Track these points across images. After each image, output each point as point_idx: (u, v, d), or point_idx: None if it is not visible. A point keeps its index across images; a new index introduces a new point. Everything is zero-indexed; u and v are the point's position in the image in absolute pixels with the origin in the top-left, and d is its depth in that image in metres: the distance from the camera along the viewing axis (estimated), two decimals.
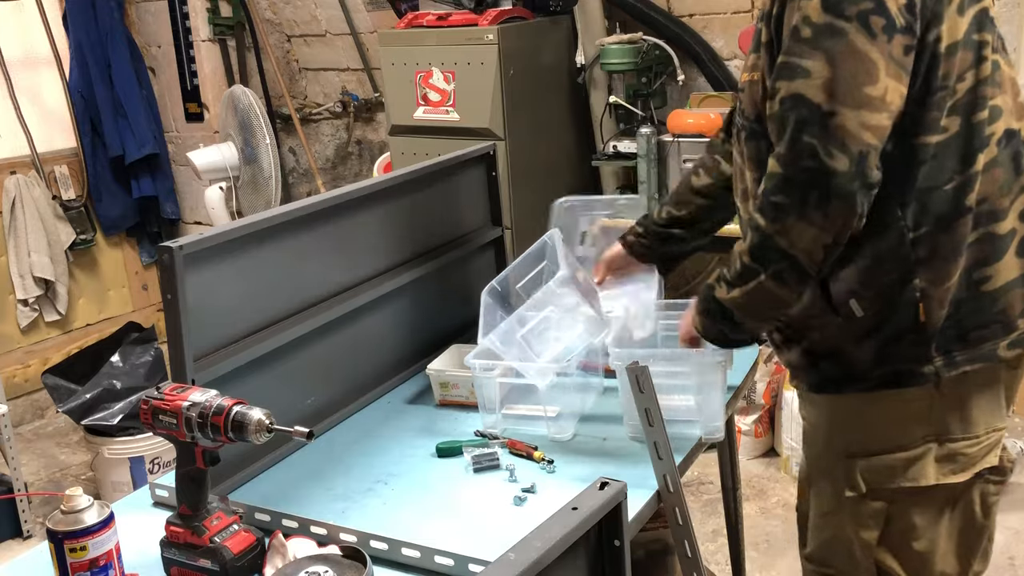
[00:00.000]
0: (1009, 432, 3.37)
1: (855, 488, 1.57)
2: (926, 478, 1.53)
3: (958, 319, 1.47)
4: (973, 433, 1.52)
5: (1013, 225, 1.48)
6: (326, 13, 4.46)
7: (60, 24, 4.52)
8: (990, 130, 1.46)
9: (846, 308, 1.50)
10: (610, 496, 1.06)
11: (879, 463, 1.55)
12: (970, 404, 1.52)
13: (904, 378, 1.50)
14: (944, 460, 1.52)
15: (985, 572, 1.69)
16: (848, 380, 1.55)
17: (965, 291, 1.47)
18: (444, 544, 1.37)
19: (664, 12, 3.57)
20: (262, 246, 1.69)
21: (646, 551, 2.22)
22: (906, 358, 1.49)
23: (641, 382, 1.48)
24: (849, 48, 1.34)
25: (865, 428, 1.56)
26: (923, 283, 1.46)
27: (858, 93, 1.34)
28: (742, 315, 1.53)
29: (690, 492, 3.28)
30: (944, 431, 1.52)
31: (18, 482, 3.37)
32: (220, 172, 4.26)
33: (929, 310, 1.46)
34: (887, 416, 1.54)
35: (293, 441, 1.70)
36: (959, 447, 1.52)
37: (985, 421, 1.53)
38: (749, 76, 1.55)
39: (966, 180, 1.44)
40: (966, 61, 1.44)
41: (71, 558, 1.29)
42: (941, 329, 1.47)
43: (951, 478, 1.53)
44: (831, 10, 1.35)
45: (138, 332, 3.69)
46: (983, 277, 1.47)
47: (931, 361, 1.48)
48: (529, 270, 1.91)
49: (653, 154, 3.28)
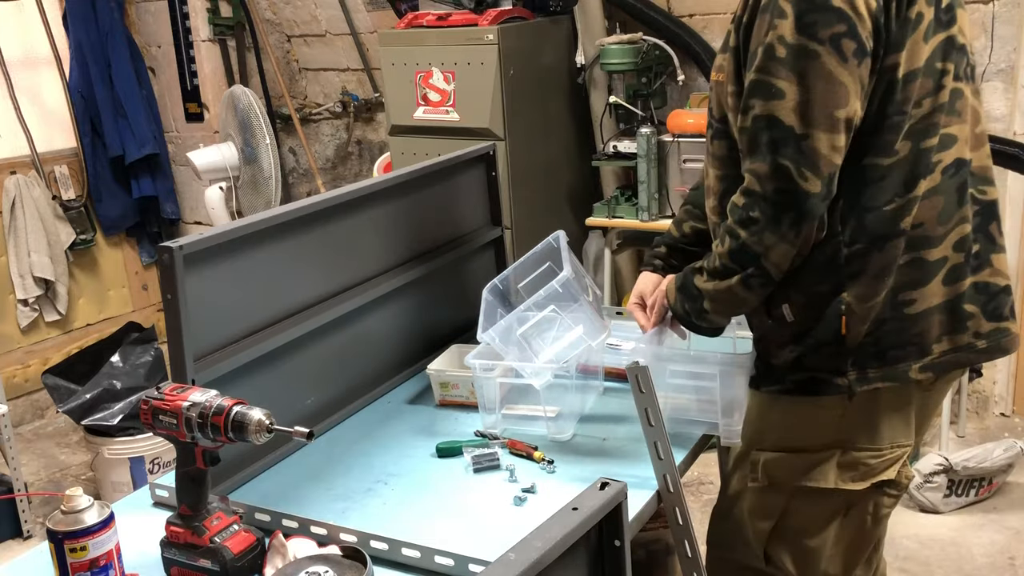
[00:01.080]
0: (1009, 432, 3.38)
1: (757, 479, 1.65)
2: (826, 481, 1.59)
3: (877, 337, 1.52)
4: (877, 445, 1.58)
5: (945, 253, 1.52)
6: (326, 13, 4.46)
7: (60, 24, 4.53)
8: (937, 157, 1.49)
9: (778, 311, 1.56)
10: (610, 496, 1.06)
11: (784, 460, 1.62)
12: (879, 418, 1.57)
13: (818, 386, 1.56)
14: (845, 467, 1.59)
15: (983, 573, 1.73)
16: (765, 379, 1.63)
17: (889, 311, 1.51)
18: (444, 544, 1.37)
19: (664, 12, 3.57)
20: (262, 246, 1.69)
21: (646, 551, 2.23)
22: (822, 368, 1.55)
23: (641, 382, 1.48)
24: (822, 71, 1.37)
25: (777, 425, 1.64)
26: (850, 297, 1.50)
27: (830, 116, 1.38)
28: (711, 305, 1.58)
29: (690, 492, 3.28)
30: (850, 440, 1.58)
31: (18, 482, 3.37)
32: (220, 172, 4.26)
33: (851, 324, 1.51)
34: (799, 417, 1.61)
35: (293, 441, 1.70)
36: (862, 457, 1.58)
37: (891, 436, 1.59)
38: (716, 76, 1.59)
39: (905, 203, 1.48)
40: (925, 88, 1.46)
41: (71, 558, 1.29)
42: (860, 344, 1.52)
43: (849, 485, 1.59)
44: (804, 32, 1.37)
45: (138, 332, 3.69)
46: (907, 300, 1.51)
47: (845, 374, 1.53)
48: (532, 270, 1.91)
49: (653, 154, 3.28)
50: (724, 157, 1.58)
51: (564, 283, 1.73)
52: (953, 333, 1.54)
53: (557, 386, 1.75)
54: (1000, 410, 3.57)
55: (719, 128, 1.59)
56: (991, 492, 3.07)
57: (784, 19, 1.38)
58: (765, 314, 1.58)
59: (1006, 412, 3.57)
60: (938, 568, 2.79)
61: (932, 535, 2.93)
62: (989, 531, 2.93)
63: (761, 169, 1.41)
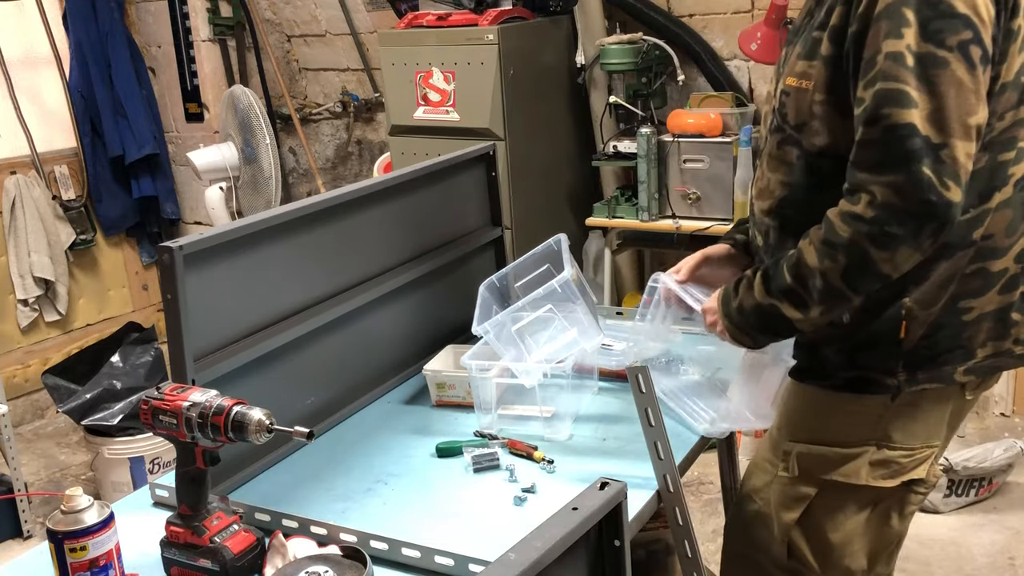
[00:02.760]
0: (1009, 432, 3.38)
1: (789, 469, 1.65)
2: (857, 477, 1.60)
3: (933, 341, 1.52)
4: (911, 445, 1.59)
5: (1007, 265, 1.52)
6: (326, 13, 4.46)
7: (60, 24, 4.52)
8: (1012, 171, 1.49)
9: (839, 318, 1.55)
10: (610, 496, 1.06)
11: (817, 452, 1.62)
12: (916, 418, 1.58)
13: (867, 385, 1.56)
14: (878, 464, 1.59)
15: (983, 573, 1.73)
16: (811, 373, 1.62)
17: (946, 317, 1.52)
18: (444, 544, 1.37)
19: (664, 12, 3.57)
20: (262, 246, 1.69)
21: (646, 551, 2.23)
22: (874, 367, 1.55)
23: (642, 382, 1.48)
24: (953, 79, 1.34)
25: (815, 418, 1.64)
26: (911, 303, 1.50)
27: (964, 124, 1.35)
28: (807, 329, 1.53)
29: (690, 492, 3.28)
30: (885, 438, 1.58)
31: (18, 482, 3.37)
32: (220, 172, 4.26)
33: (910, 329, 1.51)
34: (839, 412, 1.61)
35: (293, 441, 1.70)
36: (895, 455, 1.59)
37: (925, 436, 1.59)
38: (797, 83, 1.52)
39: (979, 215, 1.48)
40: (1010, 101, 1.46)
41: (71, 558, 1.29)
42: (914, 347, 1.52)
43: (880, 482, 1.60)
44: (932, 40, 1.34)
45: (138, 332, 3.69)
46: (966, 308, 1.52)
47: (895, 375, 1.54)
48: (531, 271, 1.91)
49: (653, 154, 3.28)
50: (792, 164, 1.55)
51: (563, 284, 1.73)
52: (997, 339, 1.55)
53: (552, 386, 1.76)
54: (1000, 410, 3.57)
55: (791, 135, 1.55)
56: (991, 492, 3.07)
57: (908, 27, 1.34)
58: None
59: (1006, 412, 3.57)
60: (938, 568, 2.79)
61: (932, 535, 2.93)
62: (989, 531, 2.93)
63: (899, 181, 1.35)
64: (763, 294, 1.53)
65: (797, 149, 1.54)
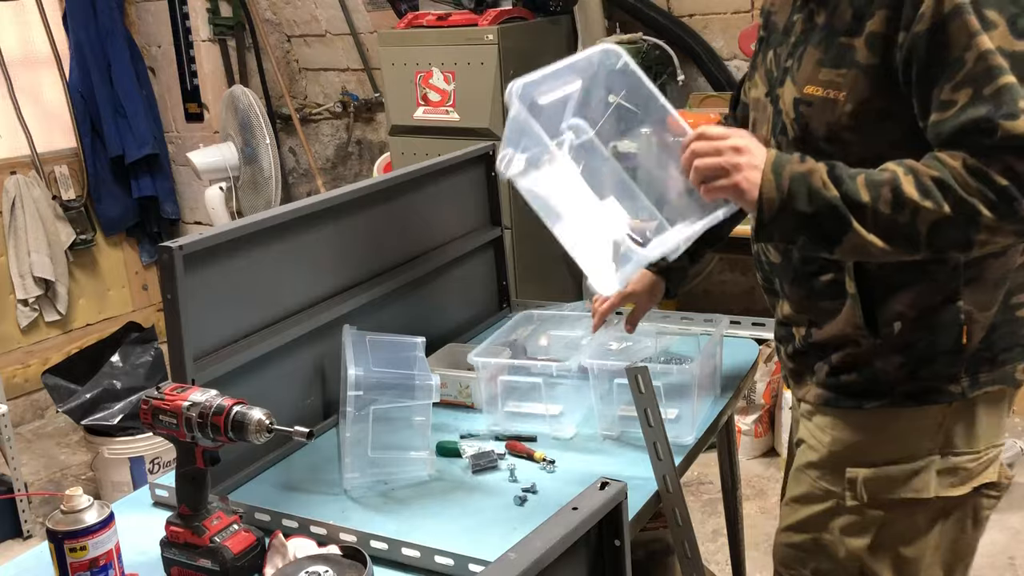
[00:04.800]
0: (1009, 432, 3.38)
1: (857, 497, 1.55)
2: (927, 490, 1.52)
3: (991, 342, 1.47)
4: (975, 448, 1.52)
5: None
6: (326, 13, 4.46)
7: (60, 24, 4.53)
8: None
9: (888, 330, 1.47)
10: (610, 496, 1.06)
11: (883, 474, 1.53)
12: (977, 421, 1.51)
13: (930, 395, 1.49)
14: (945, 473, 1.52)
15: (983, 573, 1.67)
16: (870, 394, 1.52)
17: (1001, 315, 1.47)
18: (444, 544, 1.37)
19: (664, 12, 3.57)
20: (262, 246, 1.69)
21: (646, 551, 2.23)
22: (937, 376, 1.48)
23: (641, 382, 1.48)
24: None
25: (875, 440, 1.54)
26: (968, 306, 1.44)
27: None
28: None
29: (690, 492, 3.28)
30: (948, 445, 1.51)
31: (18, 482, 3.37)
32: (220, 172, 4.26)
33: (972, 333, 1.45)
34: (899, 428, 1.52)
35: (293, 441, 1.70)
36: (961, 461, 1.52)
37: (988, 437, 1.53)
38: (824, 93, 1.43)
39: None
40: None
41: (71, 558, 1.29)
42: (976, 351, 1.47)
43: (950, 491, 1.52)
44: (1023, 36, 1.29)
45: (138, 332, 3.69)
46: (1018, 304, 1.47)
47: (958, 381, 1.47)
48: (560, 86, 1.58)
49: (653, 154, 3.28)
50: None
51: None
52: None
53: (558, 385, 1.76)
54: None
55: (821, 147, 1.44)
56: None
57: (994, 28, 1.29)
58: (871, 334, 1.48)
59: None
60: None
61: None
62: (989, 531, 2.89)
63: None
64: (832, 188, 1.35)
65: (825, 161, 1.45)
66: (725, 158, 1.41)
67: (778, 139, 1.54)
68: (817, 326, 1.55)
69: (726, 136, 1.43)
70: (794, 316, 1.59)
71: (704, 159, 1.42)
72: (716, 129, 1.45)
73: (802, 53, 1.49)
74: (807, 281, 1.55)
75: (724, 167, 1.41)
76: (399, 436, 1.64)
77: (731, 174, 1.40)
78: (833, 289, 1.51)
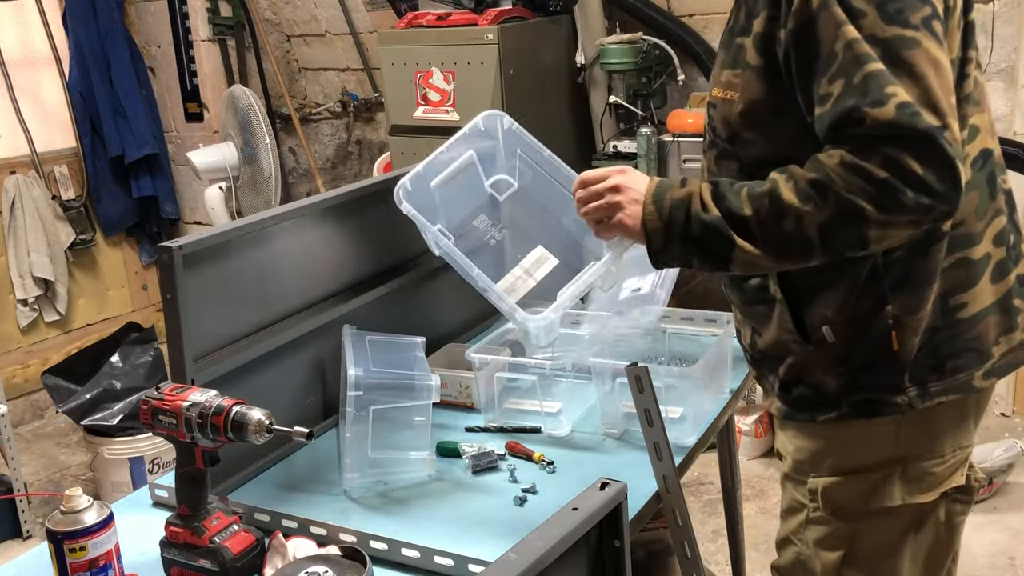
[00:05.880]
0: (1009, 432, 3.38)
1: (821, 509, 1.53)
2: (892, 499, 1.48)
3: (933, 347, 1.42)
4: (939, 453, 1.48)
5: (988, 250, 1.43)
6: (326, 13, 4.46)
7: (60, 24, 4.53)
8: (967, 150, 1.39)
9: (818, 334, 1.44)
10: (610, 496, 1.06)
11: (844, 483, 1.50)
12: (936, 427, 1.47)
13: (876, 407, 1.45)
14: (910, 481, 1.48)
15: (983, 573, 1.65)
16: (820, 407, 1.49)
17: (940, 319, 1.42)
18: (444, 544, 1.37)
19: (664, 12, 3.57)
20: (262, 246, 1.69)
21: (646, 551, 2.23)
22: (878, 387, 1.44)
23: (641, 382, 1.48)
24: (928, 58, 1.24)
25: (833, 451, 1.51)
26: (896, 310, 1.40)
27: (951, 104, 1.25)
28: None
29: (690, 492, 3.28)
30: (910, 452, 1.47)
31: (18, 482, 3.37)
32: (220, 172, 4.26)
33: (902, 338, 1.41)
34: (853, 438, 1.49)
35: (293, 441, 1.70)
36: (926, 467, 1.48)
37: (953, 441, 1.49)
38: (723, 94, 1.43)
39: None
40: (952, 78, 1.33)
41: (71, 558, 1.29)
42: (915, 358, 1.42)
43: (917, 498, 1.49)
44: (895, 21, 1.25)
45: (138, 332, 3.69)
46: (959, 304, 1.42)
47: (904, 391, 1.43)
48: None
49: (653, 154, 3.28)
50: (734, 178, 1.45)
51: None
52: (1008, 332, 1.46)
53: (555, 382, 1.75)
54: (1000, 410, 3.57)
55: (725, 148, 1.45)
56: (991, 492, 3.07)
57: (864, 16, 1.25)
58: (803, 340, 1.45)
59: (1006, 412, 3.57)
60: None
61: None
62: (989, 531, 2.93)
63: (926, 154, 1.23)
64: (712, 208, 1.35)
65: (735, 162, 1.45)
66: (605, 199, 1.47)
67: (705, 142, 1.54)
68: (758, 332, 1.54)
69: (604, 177, 1.48)
70: (740, 320, 1.59)
71: (587, 205, 1.49)
72: (593, 173, 1.50)
73: (719, 58, 1.49)
74: (739, 286, 1.53)
75: (606, 208, 1.47)
76: (399, 436, 1.63)
77: (614, 213, 1.46)
78: (761, 294, 1.49)
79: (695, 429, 1.71)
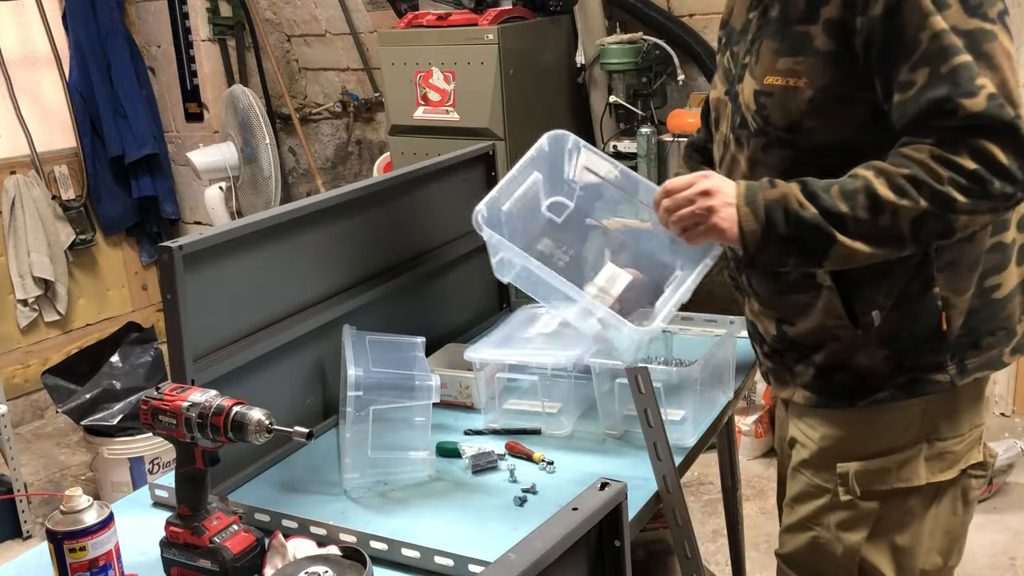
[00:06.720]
0: (1009, 432, 3.38)
1: (850, 491, 1.56)
2: (918, 478, 1.54)
3: (972, 327, 1.48)
4: (959, 432, 1.54)
5: (1014, 235, 1.51)
6: (326, 13, 4.46)
7: (60, 24, 4.53)
8: None
9: (867, 319, 1.48)
10: (610, 496, 1.06)
11: (874, 466, 1.55)
12: (959, 405, 1.54)
13: (918, 386, 1.50)
14: (934, 459, 1.54)
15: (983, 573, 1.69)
16: (861, 392, 1.53)
17: (978, 299, 1.48)
18: (444, 544, 1.37)
19: (664, 12, 3.57)
20: (262, 246, 1.69)
21: (646, 551, 2.23)
22: (923, 366, 1.49)
23: (641, 382, 1.48)
24: (1003, 50, 1.32)
25: (863, 434, 1.56)
26: (945, 292, 1.45)
27: (1020, 96, 1.32)
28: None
29: (690, 492, 3.28)
30: (934, 432, 1.53)
31: (18, 482, 3.37)
32: (220, 172, 4.26)
33: (951, 319, 1.46)
34: (887, 421, 1.54)
35: (293, 441, 1.70)
36: (947, 446, 1.54)
37: (970, 419, 1.55)
38: (784, 81, 1.44)
39: None
40: None
41: (71, 558, 1.29)
42: (957, 337, 1.48)
43: (939, 476, 1.55)
44: (976, 14, 1.31)
45: (138, 332, 3.69)
46: (994, 285, 1.49)
47: (945, 369, 1.49)
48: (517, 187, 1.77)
49: (653, 154, 3.28)
50: (779, 167, 1.48)
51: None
52: None
53: (555, 383, 1.75)
54: (1000, 410, 3.57)
55: (782, 138, 1.47)
56: (991, 492, 3.07)
57: (948, 8, 1.31)
58: (850, 325, 1.48)
59: (1006, 412, 3.57)
60: None
61: None
62: (989, 531, 2.93)
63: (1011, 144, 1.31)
64: (809, 206, 1.37)
65: (789, 151, 1.47)
66: (696, 205, 1.46)
67: (737, 133, 1.56)
68: (788, 323, 1.56)
69: (691, 183, 1.48)
70: (762, 312, 1.61)
71: (677, 212, 1.48)
72: (679, 181, 1.50)
73: (759, 47, 1.51)
74: (776, 275, 1.55)
75: (698, 213, 1.46)
76: (399, 436, 1.63)
77: (707, 218, 1.45)
78: (804, 283, 1.52)
79: (695, 430, 1.71)
